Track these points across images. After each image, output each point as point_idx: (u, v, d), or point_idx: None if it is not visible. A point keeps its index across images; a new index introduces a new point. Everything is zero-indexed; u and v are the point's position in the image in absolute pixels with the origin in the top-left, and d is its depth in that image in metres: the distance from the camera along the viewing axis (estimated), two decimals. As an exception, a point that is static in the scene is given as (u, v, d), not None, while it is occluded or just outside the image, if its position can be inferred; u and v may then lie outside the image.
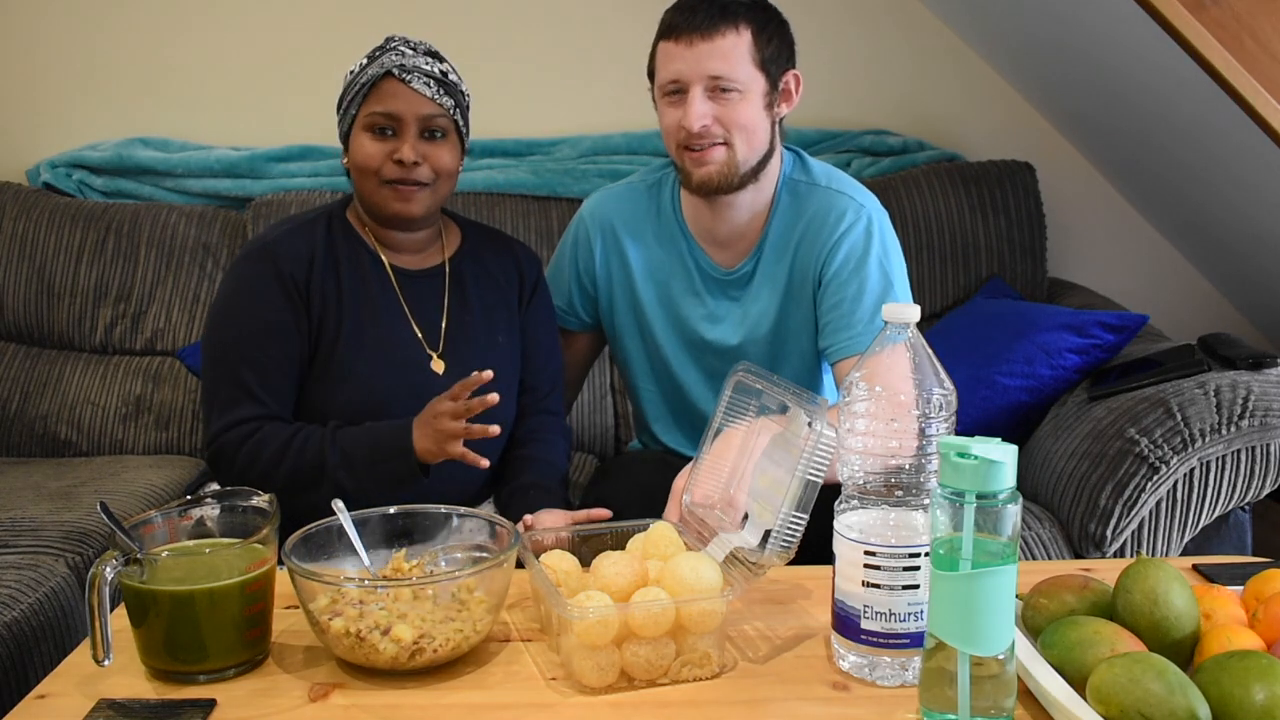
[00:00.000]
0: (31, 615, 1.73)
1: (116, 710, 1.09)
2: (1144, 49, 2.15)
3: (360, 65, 1.67)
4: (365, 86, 1.64)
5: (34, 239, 2.62)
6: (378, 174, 1.66)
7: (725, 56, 1.70)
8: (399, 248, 1.75)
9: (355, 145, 1.67)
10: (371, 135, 1.65)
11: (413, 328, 1.72)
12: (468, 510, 1.33)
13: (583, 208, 1.96)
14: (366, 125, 1.65)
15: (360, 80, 1.65)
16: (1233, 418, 1.87)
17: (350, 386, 1.67)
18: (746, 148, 1.74)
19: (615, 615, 1.11)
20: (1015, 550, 1.00)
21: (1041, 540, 1.96)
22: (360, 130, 1.66)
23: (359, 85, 1.65)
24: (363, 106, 1.65)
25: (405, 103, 1.64)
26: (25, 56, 2.83)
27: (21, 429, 2.52)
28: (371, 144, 1.65)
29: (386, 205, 1.68)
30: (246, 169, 2.77)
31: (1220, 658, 1.02)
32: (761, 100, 1.74)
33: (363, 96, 1.65)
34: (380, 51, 1.66)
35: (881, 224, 1.81)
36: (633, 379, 1.98)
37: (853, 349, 1.75)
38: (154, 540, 1.19)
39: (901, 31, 2.85)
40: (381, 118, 1.64)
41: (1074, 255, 2.89)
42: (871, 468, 1.12)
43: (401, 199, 1.67)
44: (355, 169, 1.68)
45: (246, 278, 1.67)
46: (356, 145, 1.67)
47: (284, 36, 2.83)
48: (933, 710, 1.04)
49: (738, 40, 1.71)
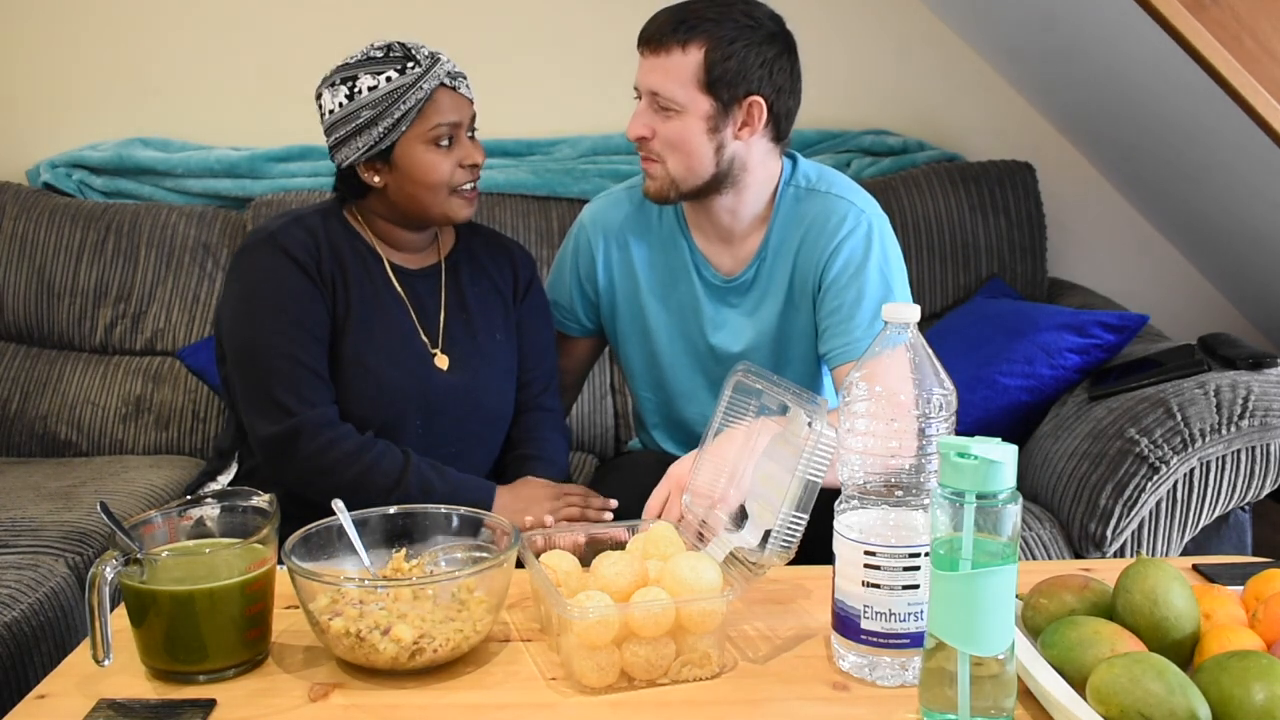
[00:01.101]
0: (31, 615, 1.73)
1: (116, 710, 1.09)
2: (1144, 49, 2.15)
3: (392, 80, 1.61)
4: (421, 102, 1.61)
5: (34, 239, 2.62)
6: (449, 185, 1.66)
7: (665, 74, 1.69)
8: (401, 246, 1.75)
9: (413, 160, 1.64)
10: (434, 148, 1.64)
11: (414, 323, 1.73)
12: (468, 510, 1.33)
13: (583, 213, 1.96)
14: (430, 139, 1.63)
15: (414, 96, 1.61)
16: (1233, 418, 1.87)
17: (360, 378, 1.66)
18: (682, 168, 1.73)
19: (615, 615, 1.11)
20: (1015, 550, 1.00)
21: (1041, 540, 1.96)
22: (418, 145, 1.63)
23: (413, 101, 1.61)
24: (417, 122, 1.62)
25: (460, 110, 1.65)
26: (25, 56, 2.83)
27: (21, 429, 2.52)
28: (437, 156, 1.64)
29: (456, 213, 1.69)
30: (246, 169, 2.77)
31: (1220, 658, 1.02)
32: (702, 124, 1.70)
33: (417, 111, 1.62)
34: (411, 64, 1.62)
35: (881, 229, 1.80)
36: (633, 384, 1.98)
37: (851, 354, 1.74)
38: (154, 540, 1.19)
39: (902, 32, 2.85)
40: (446, 129, 1.64)
41: (1074, 255, 2.89)
42: (871, 468, 1.12)
43: (469, 203, 1.69)
44: (416, 184, 1.65)
45: (263, 268, 1.65)
46: (414, 160, 1.64)
47: (284, 36, 2.83)
48: (933, 710, 1.04)
49: (683, 60, 1.67)
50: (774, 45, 1.71)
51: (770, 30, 1.72)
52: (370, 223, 1.74)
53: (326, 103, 1.65)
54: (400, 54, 1.64)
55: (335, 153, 1.67)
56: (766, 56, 1.70)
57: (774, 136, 1.76)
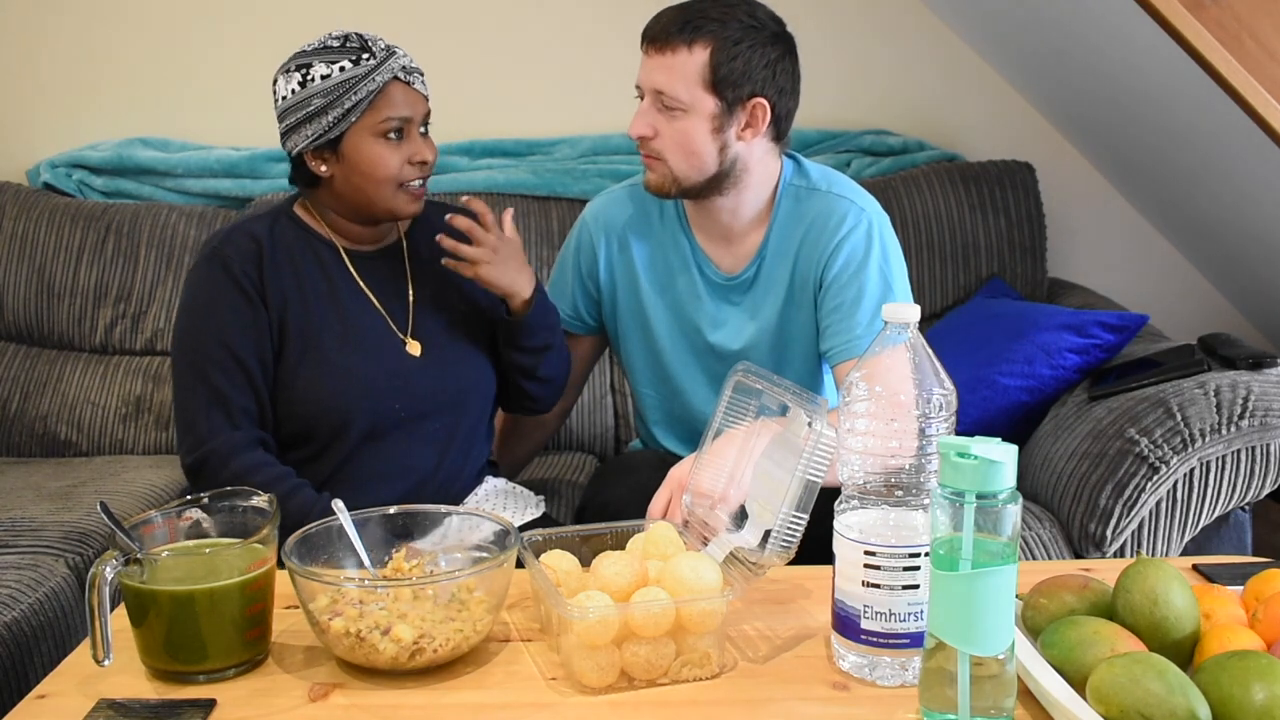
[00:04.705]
0: (31, 615, 1.73)
1: (116, 710, 1.09)
2: (1144, 49, 2.15)
3: (345, 70, 1.61)
4: (373, 94, 1.61)
5: (34, 239, 2.62)
6: (396, 179, 1.65)
7: (669, 73, 1.69)
8: (356, 237, 1.74)
9: (360, 152, 1.63)
10: (383, 141, 1.63)
11: (379, 312, 1.72)
12: (468, 510, 1.33)
13: (585, 211, 1.96)
14: (379, 132, 1.62)
15: (366, 87, 1.61)
16: (1233, 418, 1.87)
17: (330, 376, 1.66)
18: (685, 166, 1.73)
19: (615, 615, 1.11)
20: (1015, 550, 1.00)
21: (1041, 540, 1.96)
22: (368, 137, 1.63)
23: (365, 92, 1.61)
24: (368, 113, 1.62)
25: (413, 105, 1.65)
26: (25, 56, 2.83)
27: (21, 429, 2.52)
28: (386, 150, 1.63)
29: (402, 208, 1.68)
30: (246, 169, 2.77)
31: (1220, 658, 1.02)
32: (707, 123, 1.70)
33: (368, 103, 1.62)
34: (366, 55, 1.62)
35: (882, 228, 1.80)
36: (635, 381, 1.98)
37: (851, 352, 1.75)
38: (154, 540, 1.19)
39: (901, 31, 2.85)
40: (397, 122, 1.63)
41: (1074, 255, 2.89)
42: (871, 468, 1.12)
43: (416, 199, 1.68)
44: (363, 176, 1.64)
45: (199, 284, 1.66)
46: (363, 152, 1.63)
47: (284, 36, 2.80)
48: (933, 710, 1.04)
49: (688, 59, 1.68)
50: (777, 46, 1.72)
51: (773, 31, 1.73)
52: (323, 215, 1.73)
53: (280, 89, 1.65)
54: (356, 45, 1.64)
55: (286, 139, 1.67)
56: (770, 58, 1.71)
57: (774, 137, 1.77)
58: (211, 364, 1.62)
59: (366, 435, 1.68)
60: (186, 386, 1.64)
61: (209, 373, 1.62)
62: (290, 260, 1.68)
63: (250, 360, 1.63)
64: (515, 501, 1.81)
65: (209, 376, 1.62)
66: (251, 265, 1.65)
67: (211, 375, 1.62)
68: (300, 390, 1.66)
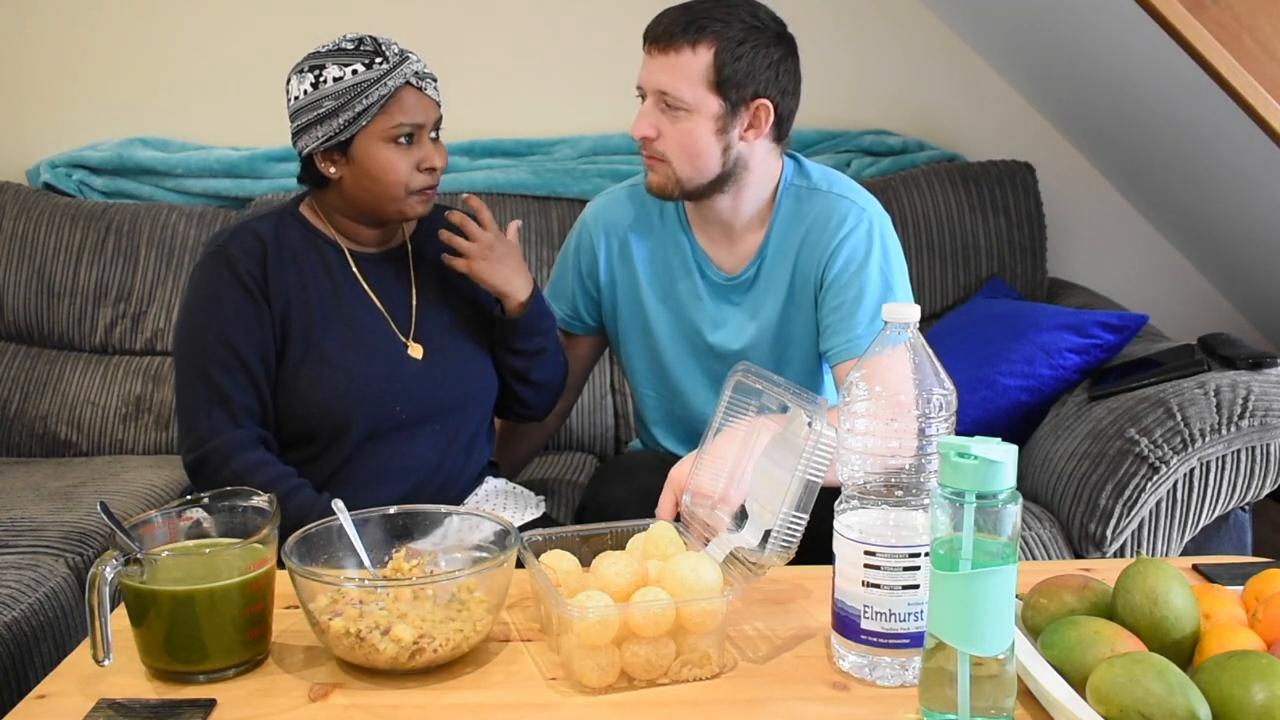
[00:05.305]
0: (31, 615, 1.73)
1: (116, 710, 1.09)
2: (1144, 49, 2.15)
3: (358, 74, 1.60)
4: (385, 98, 1.61)
5: (34, 239, 2.62)
6: (405, 184, 1.65)
7: (673, 73, 1.68)
8: (362, 239, 1.74)
9: (370, 156, 1.63)
10: (394, 146, 1.63)
11: (382, 314, 1.72)
12: (468, 510, 1.33)
13: (585, 211, 1.96)
14: (390, 136, 1.62)
15: (378, 91, 1.60)
16: (1233, 418, 1.87)
17: (330, 378, 1.66)
18: (688, 167, 1.73)
19: (615, 615, 1.11)
20: (1015, 550, 1.00)
21: (1041, 540, 1.96)
22: (379, 141, 1.62)
23: (376, 97, 1.60)
24: (379, 118, 1.61)
25: (425, 111, 1.64)
26: (25, 56, 2.83)
27: (21, 429, 2.52)
28: (396, 155, 1.63)
29: (410, 211, 1.68)
30: (246, 169, 2.77)
31: (1220, 658, 1.02)
32: (711, 124, 1.70)
33: (380, 108, 1.61)
34: (379, 59, 1.61)
35: (883, 228, 1.80)
36: (634, 381, 1.98)
37: (852, 352, 1.75)
38: (154, 540, 1.19)
39: (902, 32, 2.85)
40: (408, 128, 1.63)
41: (1074, 255, 2.89)
42: (871, 468, 1.12)
43: (425, 203, 1.68)
44: (372, 179, 1.64)
45: (203, 282, 1.66)
46: (372, 156, 1.63)
47: (284, 36, 2.81)
48: (933, 710, 1.04)
49: (692, 59, 1.68)
50: (780, 47, 1.73)
51: (775, 31, 1.73)
52: (330, 216, 1.73)
53: (293, 88, 1.65)
54: (370, 48, 1.63)
55: (296, 139, 1.67)
56: (774, 58, 1.71)
57: (776, 137, 1.77)
58: (214, 362, 1.62)
59: (367, 436, 1.68)
60: (188, 384, 1.64)
61: (211, 370, 1.62)
62: (295, 260, 1.68)
63: (253, 359, 1.63)
64: (515, 502, 1.81)
65: (211, 374, 1.62)
66: (256, 264, 1.65)
67: (214, 373, 1.62)
68: (301, 390, 1.66)
